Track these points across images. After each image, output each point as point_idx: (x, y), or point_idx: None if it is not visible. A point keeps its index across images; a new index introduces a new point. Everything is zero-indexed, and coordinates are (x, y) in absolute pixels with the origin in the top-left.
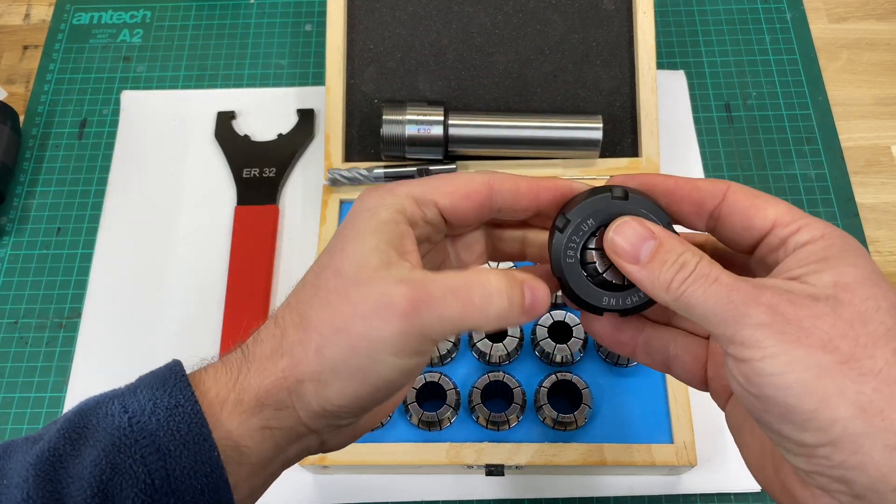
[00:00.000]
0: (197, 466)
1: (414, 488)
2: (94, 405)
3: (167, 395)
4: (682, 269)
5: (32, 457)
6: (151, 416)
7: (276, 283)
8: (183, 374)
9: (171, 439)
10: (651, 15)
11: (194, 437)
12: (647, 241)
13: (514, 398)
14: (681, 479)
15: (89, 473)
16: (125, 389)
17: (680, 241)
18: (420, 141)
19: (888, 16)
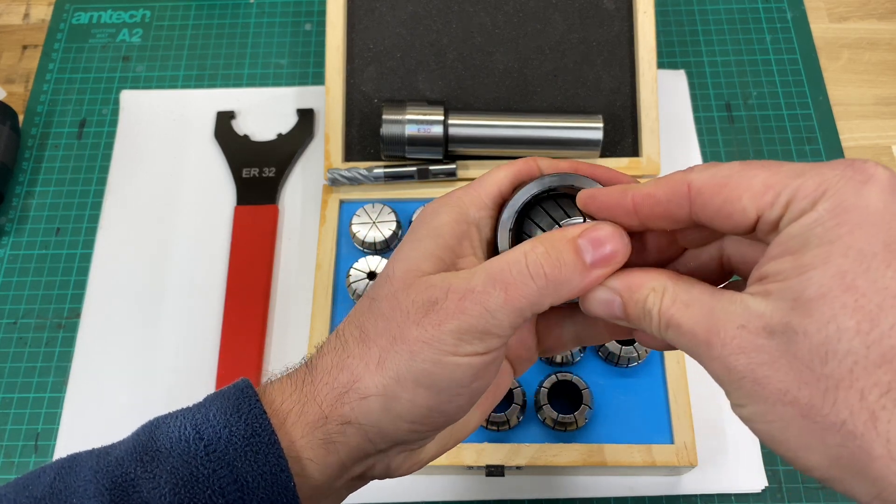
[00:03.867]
0: (274, 497)
1: (414, 488)
2: (164, 428)
3: (242, 423)
4: (651, 319)
5: (104, 477)
6: (228, 446)
7: (275, 284)
8: (256, 398)
9: (249, 470)
10: (651, 14)
11: (272, 469)
12: (615, 300)
13: (514, 398)
14: (681, 480)
15: (168, 502)
16: (195, 411)
17: (639, 286)
18: (420, 140)
19: (889, 15)
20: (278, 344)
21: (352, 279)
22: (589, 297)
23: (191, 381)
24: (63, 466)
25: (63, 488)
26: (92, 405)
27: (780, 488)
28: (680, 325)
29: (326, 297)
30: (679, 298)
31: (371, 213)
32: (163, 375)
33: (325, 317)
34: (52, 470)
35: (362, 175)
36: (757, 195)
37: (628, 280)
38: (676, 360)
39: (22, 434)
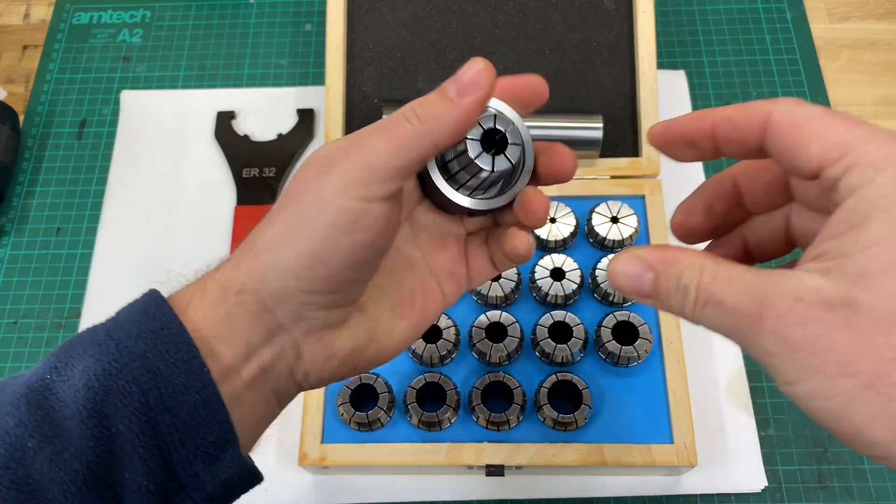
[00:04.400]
0: (189, 383)
1: (414, 488)
2: (77, 340)
3: (150, 319)
4: (686, 296)
5: (21, 386)
6: (138, 341)
7: None
8: (162, 298)
9: (161, 360)
10: (651, 14)
11: (183, 356)
12: (645, 275)
13: (514, 398)
14: (681, 480)
15: (83, 397)
16: (107, 322)
17: (675, 260)
18: None
19: (889, 16)
20: None
21: None
22: (618, 269)
23: None
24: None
25: None
26: None
27: (779, 488)
28: (723, 301)
29: None
30: (721, 275)
31: None
32: None
33: None
34: None
35: None
36: (827, 148)
37: (664, 254)
38: (676, 359)
39: None
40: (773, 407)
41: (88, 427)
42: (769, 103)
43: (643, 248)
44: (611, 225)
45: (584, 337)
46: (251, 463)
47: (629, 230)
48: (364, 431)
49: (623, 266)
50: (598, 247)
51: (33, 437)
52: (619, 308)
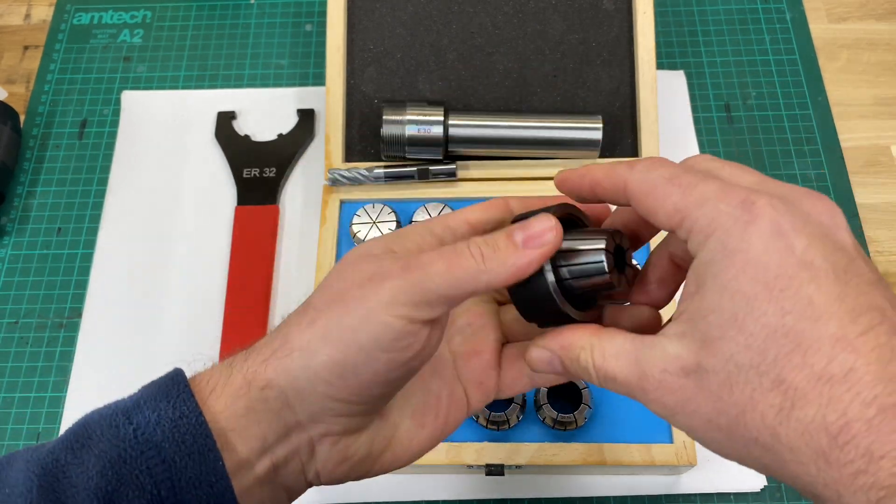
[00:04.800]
0: (202, 476)
1: (414, 488)
2: (97, 417)
3: (171, 407)
4: (588, 374)
5: (35, 465)
6: (156, 428)
7: (276, 283)
8: (185, 383)
9: (177, 451)
10: (651, 15)
11: (199, 448)
12: (553, 360)
13: (513, 398)
14: (681, 479)
15: (95, 484)
16: (128, 401)
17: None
18: (420, 141)
19: (888, 16)
20: None
21: None
22: (532, 357)
23: None
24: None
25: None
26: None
27: (778, 487)
28: (615, 378)
29: None
30: (607, 353)
31: (371, 213)
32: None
33: None
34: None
35: (362, 175)
36: (668, 215)
37: (560, 340)
38: None
39: (23, 433)
40: None
41: None
42: (627, 169)
43: (547, 336)
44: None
45: None
46: None
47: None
48: None
49: (536, 355)
50: None
51: None
52: None
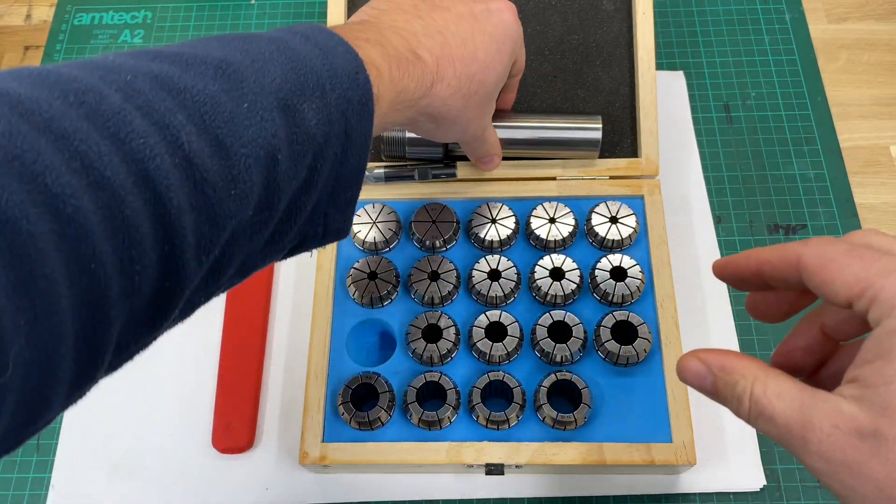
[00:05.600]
0: (359, 153)
1: (414, 488)
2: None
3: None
4: (740, 404)
5: (272, 97)
6: (348, 105)
7: (276, 283)
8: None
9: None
10: (650, 16)
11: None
12: (707, 377)
13: (513, 398)
14: (680, 479)
15: (313, 133)
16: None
17: (731, 369)
18: (420, 141)
19: (887, 16)
20: (279, 344)
21: (352, 279)
22: (687, 365)
23: (192, 380)
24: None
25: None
26: (93, 404)
27: (778, 487)
28: (773, 417)
29: (327, 298)
30: (769, 389)
31: (371, 213)
32: (164, 374)
33: (327, 317)
34: None
35: None
36: (848, 285)
37: (722, 361)
38: (676, 358)
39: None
40: None
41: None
42: (800, 246)
43: (708, 351)
44: (610, 225)
45: (584, 336)
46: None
47: (628, 230)
48: (364, 430)
49: (692, 365)
50: (597, 247)
51: (282, 151)
52: (618, 308)
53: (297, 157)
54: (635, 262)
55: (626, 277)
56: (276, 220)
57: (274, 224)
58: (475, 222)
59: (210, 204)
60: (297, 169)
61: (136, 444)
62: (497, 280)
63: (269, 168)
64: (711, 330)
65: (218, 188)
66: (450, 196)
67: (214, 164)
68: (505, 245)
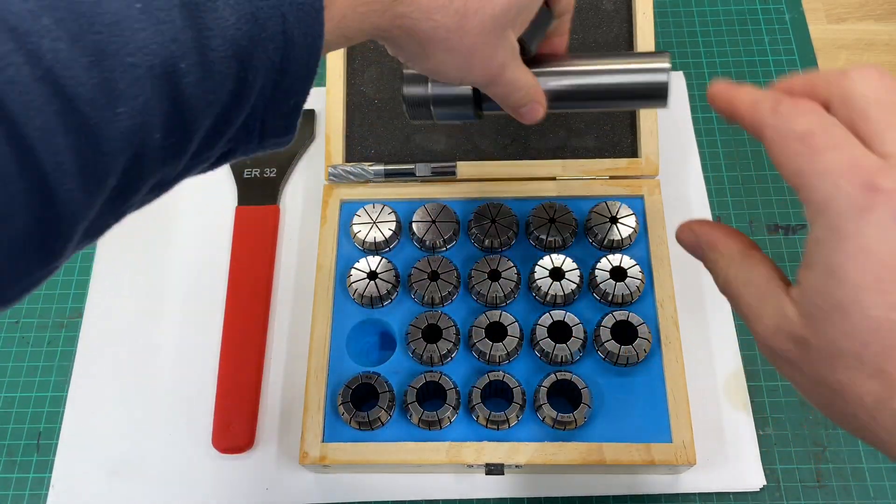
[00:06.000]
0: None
1: (414, 488)
2: None
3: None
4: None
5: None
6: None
7: (276, 283)
8: None
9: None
10: (650, 16)
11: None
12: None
13: (513, 397)
14: (680, 479)
15: (231, 35)
16: None
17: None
18: (447, 100)
19: (887, 17)
20: (279, 344)
21: (352, 279)
22: (679, 234)
23: (192, 380)
24: None
25: None
26: (93, 404)
27: (778, 487)
28: (737, 302)
29: (327, 298)
30: (741, 276)
31: (371, 213)
32: (165, 375)
33: (327, 317)
34: None
35: (365, 171)
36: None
37: (709, 235)
38: (675, 359)
39: (24, 433)
40: (771, 406)
41: (229, 67)
42: (770, 113)
43: (700, 224)
44: (610, 225)
45: (584, 336)
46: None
47: (628, 230)
48: (364, 430)
49: (685, 235)
50: (597, 247)
51: (185, 58)
52: (618, 308)
53: (212, 64)
54: (635, 262)
55: (626, 277)
56: (199, 139)
57: (195, 144)
58: (475, 222)
59: (90, 125)
60: (214, 80)
61: (136, 444)
62: (497, 280)
63: (170, 80)
64: (711, 330)
65: (98, 105)
66: (450, 196)
67: (92, 76)
68: (505, 245)
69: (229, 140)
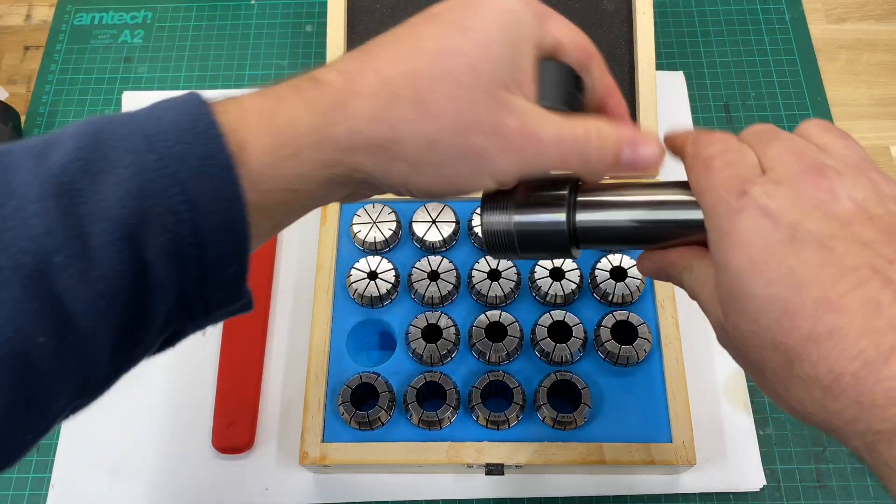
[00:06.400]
0: (227, 224)
1: (414, 488)
2: (112, 135)
3: (201, 144)
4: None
5: (47, 181)
6: (181, 164)
7: (276, 283)
8: (214, 122)
9: (203, 192)
10: (650, 16)
11: (227, 195)
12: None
13: (513, 397)
14: (680, 479)
15: (116, 216)
16: (145, 120)
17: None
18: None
19: (887, 16)
20: (279, 344)
21: (352, 279)
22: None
23: (192, 380)
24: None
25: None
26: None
27: (778, 487)
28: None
29: (327, 298)
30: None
31: (371, 213)
32: (165, 375)
33: (326, 317)
34: None
35: None
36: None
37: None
38: (675, 359)
39: None
40: (771, 406)
41: (119, 250)
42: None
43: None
44: None
45: (584, 336)
46: (251, 294)
47: None
48: (364, 430)
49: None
50: None
51: (62, 251)
52: (618, 308)
53: (96, 251)
54: (635, 262)
55: (626, 277)
56: (108, 334)
57: (108, 339)
58: (475, 222)
59: None
60: (103, 268)
61: (136, 443)
62: (497, 280)
63: (45, 277)
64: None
65: None
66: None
67: None
68: None
69: (168, 321)
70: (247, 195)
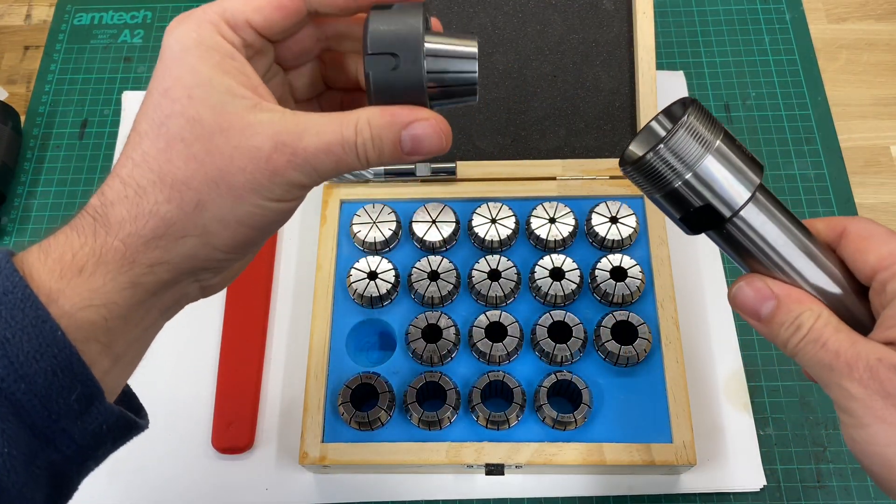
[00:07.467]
0: (42, 349)
1: (414, 488)
2: None
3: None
4: (798, 331)
5: None
6: None
7: (276, 283)
8: (7, 259)
9: (7, 327)
10: (651, 15)
11: (31, 321)
12: (768, 301)
13: (513, 398)
14: (680, 479)
15: None
16: None
17: (798, 300)
18: None
19: (887, 16)
20: (279, 344)
21: (352, 279)
22: (742, 287)
23: (192, 380)
24: None
25: None
26: None
27: (778, 487)
28: (826, 344)
29: (327, 298)
30: (831, 324)
31: (371, 213)
32: (165, 375)
33: (326, 317)
34: None
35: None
36: (880, 257)
37: (791, 292)
38: (676, 359)
39: None
40: (771, 406)
41: None
42: (847, 219)
43: (771, 280)
44: (610, 225)
45: (584, 336)
46: (120, 412)
47: (628, 230)
48: (364, 431)
49: (750, 285)
50: (597, 247)
51: None
52: (618, 308)
53: None
54: (635, 262)
55: (626, 277)
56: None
57: None
58: (475, 222)
59: None
60: None
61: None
62: (497, 280)
63: None
64: (711, 330)
65: None
66: (450, 196)
67: None
68: (505, 245)
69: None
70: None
